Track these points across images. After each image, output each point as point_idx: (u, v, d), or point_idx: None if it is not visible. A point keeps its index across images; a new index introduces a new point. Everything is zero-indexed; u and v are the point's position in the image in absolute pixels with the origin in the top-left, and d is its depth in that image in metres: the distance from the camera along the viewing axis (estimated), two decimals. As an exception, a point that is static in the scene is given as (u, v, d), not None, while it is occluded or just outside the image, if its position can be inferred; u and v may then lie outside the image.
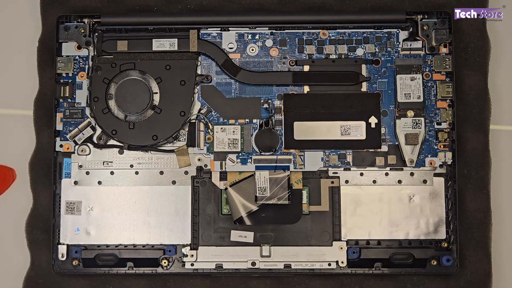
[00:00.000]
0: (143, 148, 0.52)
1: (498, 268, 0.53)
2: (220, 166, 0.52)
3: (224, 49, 0.53)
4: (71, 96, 0.53)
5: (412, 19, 0.53)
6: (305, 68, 0.53)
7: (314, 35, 0.53)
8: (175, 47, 0.52)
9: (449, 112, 0.52)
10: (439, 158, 0.52)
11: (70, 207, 0.52)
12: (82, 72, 0.53)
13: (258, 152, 0.52)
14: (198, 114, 0.52)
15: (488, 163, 0.53)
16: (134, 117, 0.52)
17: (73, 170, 0.52)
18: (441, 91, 0.52)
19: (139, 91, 0.52)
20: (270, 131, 0.52)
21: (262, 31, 0.53)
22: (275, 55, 0.53)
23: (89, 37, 0.53)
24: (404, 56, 0.53)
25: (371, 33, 0.53)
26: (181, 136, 0.52)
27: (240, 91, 0.53)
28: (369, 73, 0.53)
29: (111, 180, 0.52)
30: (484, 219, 0.53)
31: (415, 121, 0.52)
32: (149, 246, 0.51)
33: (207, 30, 0.53)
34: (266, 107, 0.52)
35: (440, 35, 0.52)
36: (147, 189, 0.52)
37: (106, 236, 0.52)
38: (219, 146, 0.52)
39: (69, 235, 0.52)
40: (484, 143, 0.53)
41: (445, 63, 0.52)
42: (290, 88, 0.53)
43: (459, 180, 0.52)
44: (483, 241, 0.53)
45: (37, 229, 0.53)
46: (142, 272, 0.51)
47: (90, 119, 0.52)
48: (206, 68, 0.53)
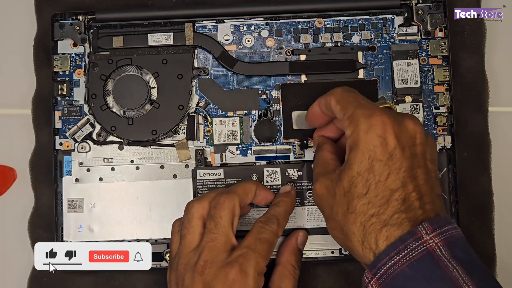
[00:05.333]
0: (143, 143, 0.52)
1: (502, 250, 0.53)
2: (220, 159, 0.52)
3: (220, 41, 0.53)
4: (69, 94, 0.53)
5: (406, 4, 0.53)
6: (301, 57, 0.53)
7: (309, 24, 0.53)
8: (171, 41, 0.52)
9: (447, 96, 0.52)
10: (438, 142, 0.52)
11: (72, 204, 0.52)
12: (79, 70, 0.53)
13: (258, 143, 0.52)
14: (197, 108, 0.52)
15: (488, 145, 0.53)
16: (132, 113, 0.52)
17: (73, 168, 0.52)
18: (438, 75, 0.52)
19: (137, 86, 0.52)
20: (269, 121, 0.52)
21: (257, 22, 0.53)
22: (271, 46, 0.53)
23: (84, 34, 0.53)
24: (400, 42, 0.53)
25: (367, 20, 0.53)
26: (180, 130, 0.53)
27: (237, 82, 0.53)
28: (365, 60, 0.53)
29: (112, 176, 0.52)
30: (486, 201, 0.53)
31: (413, 106, 0.52)
32: (152, 240, 0.51)
33: (202, 22, 0.53)
34: (264, 97, 0.52)
35: (435, 19, 0.52)
36: (148, 184, 0.52)
37: (109, 232, 0.52)
38: (219, 138, 0.52)
39: (72, 233, 0.52)
40: (484, 125, 0.53)
41: (441, 47, 0.53)
42: (287, 78, 0.53)
43: (460, 164, 0.52)
44: (486, 224, 0.53)
45: (40, 228, 0.53)
46: (147, 267, 0.51)
47: (89, 116, 0.52)
48: (203, 61, 0.53)
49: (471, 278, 0.35)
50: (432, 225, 0.36)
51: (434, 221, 0.36)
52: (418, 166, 0.39)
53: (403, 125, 0.39)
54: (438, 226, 0.36)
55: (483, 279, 0.35)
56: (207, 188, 0.51)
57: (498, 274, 0.52)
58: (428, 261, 0.35)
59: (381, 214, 0.37)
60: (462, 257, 0.36)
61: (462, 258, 0.36)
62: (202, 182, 0.51)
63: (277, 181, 0.51)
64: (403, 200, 0.37)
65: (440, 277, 0.35)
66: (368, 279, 0.37)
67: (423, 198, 0.38)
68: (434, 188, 0.39)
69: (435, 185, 0.39)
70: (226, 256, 0.41)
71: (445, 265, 0.35)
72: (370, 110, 0.40)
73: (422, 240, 0.36)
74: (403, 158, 0.38)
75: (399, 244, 0.36)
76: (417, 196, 0.38)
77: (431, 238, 0.36)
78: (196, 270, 0.41)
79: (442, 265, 0.35)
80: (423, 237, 0.36)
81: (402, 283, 0.36)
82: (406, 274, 0.35)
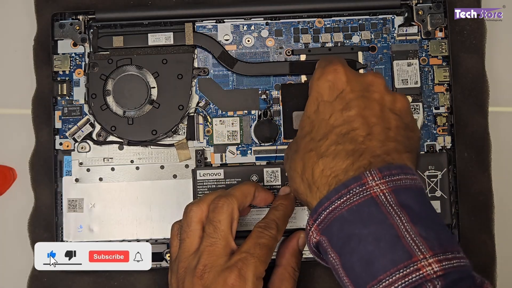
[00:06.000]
0: (143, 143, 0.52)
1: (502, 250, 0.53)
2: (220, 159, 0.52)
3: (220, 41, 0.53)
4: (69, 94, 0.53)
5: (407, 4, 0.53)
6: (301, 57, 0.53)
7: (309, 24, 0.53)
8: (171, 41, 0.52)
9: (447, 96, 0.52)
10: (438, 142, 0.52)
11: (72, 204, 0.52)
12: (79, 69, 0.53)
13: (258, 143, 0.52)
14: (197, 108, 0.52)
15: (488, 145, 0.53)
16: (132, 113, 0.52)
17: (73, 168, 0.52)
18: (438, 76, 0.52)
19: (137, 86, 0.52)
20: (269, 121, 0.52)
21: (257, 22, 0.53)
22: (271, 46, 0.53)
23: (84, 33, 0.53)
24: (400, 42, 0.53)
25: (367, 20, 0.53)
26: (180, 130, 0.53)
27: (237, 82, 0.53)
28: (365, 60, 0.53)
29: (112, 176, 0.52)
30: (486, 201, 0.53)
31: (413, 106, 0.52)
32: (152, 240, 0.51)
33: (202, 22, 0.53)
34: (264, 98, 0.52)
35: (435, 19, 0.52)
36: (148, 184, 0.52)
37: (109, 232, 0.52)
38: (219, 138, 0.52)
39: (72, 233, 0.52)
40: (484, 125, 0.53)
41: (441, 47, 0.52)
42: (287, 78, 0.53)
43: (461, 164, 0.52)
44: (486, 224, 0.53)
45: (39, 228, 0.53)
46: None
47: (89, 116, 0.52)
48: (203, 61, 0.53)
49: (415, 226, 0.33)
50: (382, 172, 0.34)
51: (385, 168, 0.35)
52: (370, 108, 0.38)
53: (360, 75, 0.40)
54: (389, 173, 0.34)
55: (429, 229, 0.33)
56: (207, 188, 0.51)
57: (498, 274, 0.52)
58: (369, 206, 0.34)
59: (318, 147, 0.37)
60: (411, 206, 0.34)
61: (410, 207, 0.34)
62: (202, 182, 0.51)
63: (277, 181, 0.51)
64: (344, 134, 0.37)
65: (379, 222, 0.33)
66: (310, 225, 0.37)
67: (370, 135, 0.37)
68: (389, 133, 0.37)
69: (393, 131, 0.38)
70: (225, 260, 0.41)
71: (387, 211, 0.33)
72: (328, 61, 0.41)
73: (367, 185, 0.34)
74: (351, 99, 0.38)
75: (341, 188, 0.35)
76: (362, 133, 0.37)
77: (377, 184, 0.34)
78: (196, 274, 0.40)
79: (385, 211, 0.33)
80: (368, 183, 0.34)
81: (339, 227, 0.34)
82: (344, 217, 0.34)
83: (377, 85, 0.40)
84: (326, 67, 0.40)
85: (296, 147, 0.40)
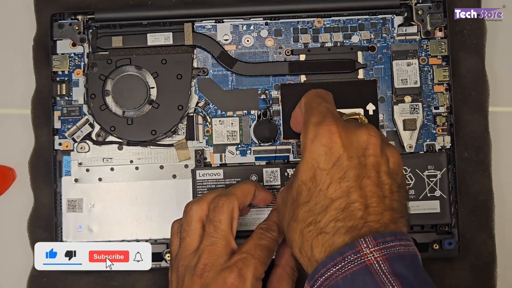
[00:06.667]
0: (142, 144, 0.52)
1: (502, 250, 0.53)
2: (219, 159, 0.52)
3: (219, 41, 0.53)
4: (68, 94, 0.53)
5: (406, 4, 0.53)
6: (301, 57, 0.53)
7: (309, 23, 0.53)
8: (170, 41, 0.52)
9: (447, 96, 0.52)
10: (438, 142, 0.52)
11: (71, 204, 0.52)
12: (78, 70, 0.53)
13: (257, 143, 0.52)
14: (196, 108, 0.52)
15: (489, 145, 0.53)
16: (132, 113, 0.52)
17: (73, 168, 0.52)
18: (437, 75, 0.52)
19: (136, 86, 0.52)
20: (269, 121, 0.52)
21: (256, 22, 0.53)
22: (271, 45, 0.53)
23: (83, 34, 0.53)
24: (399, 42, 0.53)
25: (366, 20, 0.53)
26: (180, 130, 0.53)
27: (237, 82, 0.53)
28: (365, 60, 0.53)
29: (112, 176, 0.52)
30: (486, 201, 0.53)
31: (413, 106, 0.52)
32: (152, 240, 0.51)
33: (202, 22, 0.53)
34: (263, 97, 0.52)
35: (435, 19, 0.52)
36: (148, 184, 0.52)
37: (109, 232, 0.52)
38: (218, 138, 0.52)
39: (71, 233, 0.52)
40: (484, 125, 0.53)
41: (441, 47, 0.52)
42: (286, 78, 0.53)
43: (460, 164, 0.52)
44: (486, 224, 0.53)
45: (39, 228, 0.53)
46: (146, 267, 0.51)
47: (88, 116, 0.52)
48: (202, 61, 0.53)
49: None
50: (376, 239, 0.34)
51: (379, 235, 0.35)
52: (367, 177, 0.37)
53: (354, 135, 0.38)
54: (383, 241, 0.34)
55: None
56: (207, 188, 0.51)
57: (498, 274, 0.52)
58: (363, 275, 0.34)
59: (318, 222, 0.37)
60: (405, 274, 0.34)
61: (404, 276, 0.34)
62: (201, 182, 0.51)
63: (276, 181, 0.51)
64: (343, 209, 0.36)
65: None
66: None
67: (368, 209, 0.36)
68: (385, 201, 0.37)
69: (388, 198, 0.37)
70: (226, 260, 0.41)
71: (381, 281, 0.33)
72: (321, 118, 0.39)
73: (361, 253, 0.34)
74: (348, 168, 0.37)
75: (337, 256, 0.35)
76: (360, 207, 0.36)
77: (371, 252, 0.34)
78: (196, 273, 0.41)
79: (378, 280, 0.33)
80: (362, 250, 0.34)
81: None
82: (339, 286, 0.34)
83: (373, 147, 0.38)
84: (320, 127, 0.38)
85: (294, 215, 0.39)
